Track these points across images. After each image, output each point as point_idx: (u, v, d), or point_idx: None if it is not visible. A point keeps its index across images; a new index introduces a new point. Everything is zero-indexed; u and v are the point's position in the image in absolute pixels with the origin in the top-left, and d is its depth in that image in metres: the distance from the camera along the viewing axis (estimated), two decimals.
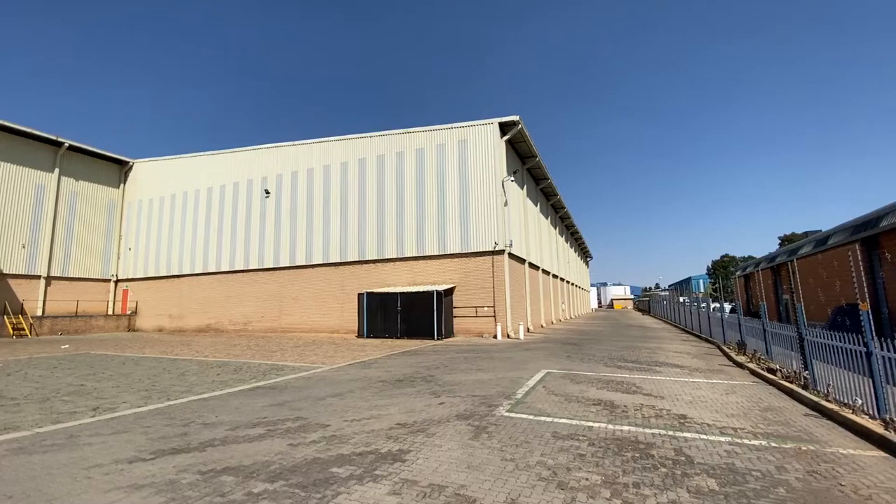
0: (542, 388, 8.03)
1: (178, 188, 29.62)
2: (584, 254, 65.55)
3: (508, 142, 21.81)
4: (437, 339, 17.99)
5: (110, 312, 29.93)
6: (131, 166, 31.76)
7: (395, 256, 22.09)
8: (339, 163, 24.31)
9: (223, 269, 26.97)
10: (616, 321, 36.64)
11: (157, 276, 29.47)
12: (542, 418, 5.90)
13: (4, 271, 24.88)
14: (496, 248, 19.83)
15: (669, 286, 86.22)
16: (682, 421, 5.83)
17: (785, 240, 68.80)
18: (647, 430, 5.37)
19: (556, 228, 37.66)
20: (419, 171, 22.17)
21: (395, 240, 22.21)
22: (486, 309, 19.69)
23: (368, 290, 20.57)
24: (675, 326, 28.28)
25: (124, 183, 31.73)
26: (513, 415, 6.09)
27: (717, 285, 67.57)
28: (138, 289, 30.16)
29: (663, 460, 4.36)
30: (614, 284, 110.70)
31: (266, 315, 25.18)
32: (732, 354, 12.27)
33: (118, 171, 31.53)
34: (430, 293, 18.72)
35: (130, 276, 30.48)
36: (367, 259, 22.78)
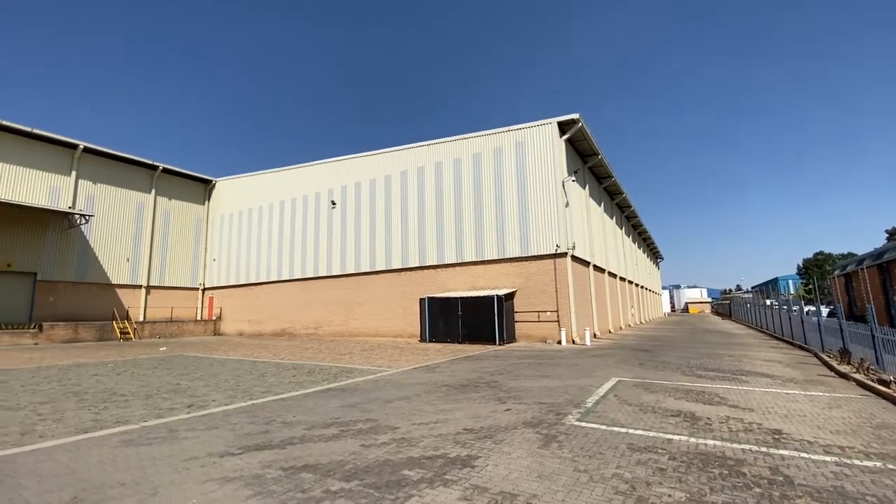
0: (613, 397, 7.66)
1: (254, 203, 32.04)
2: (654, 255, 61.94)
3: (568, 141, 21.24)
4: (499, 344, 17.83)
5: (198, 318, 32.94)
6: (214, 185, 34.87)
7: (454, 261, 22.26)
8: (399, 172, 25.01)
9: (295, 277, 28.71)
10: (693, 326, 34.16)
11: (237, 284, 32.01)
12: (616, 429, 5.62)
13: (113, 282, 28.30)
14: (558, 251, 19.31)
15: (753, 288, 78.88)
16: (776, 436, 5.28)
17: (894, 233, 60.40)
18: (735, 446, 4.93)
19: (622, 229, 35.96)
20: (476, 176, 22.22)
21: (454, 245, 22.39)
22: (548, 314, 19.21)
23: (430, 296, 20.87)
24: (762, 332, 25.80)
25: (208, 200, 34.90)
26: (583, 424, 5.86)
27: (810, 286, 60.77)
28: (222, 296, 32.93)
29: (757, 479, 3.97)
30: (689, 287, 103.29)
31: (334, 320, 26.40)
32: (834, 363, 10.95)
33: (203, 189, 34.76)
34: (490, 298, 18.62)
35: (215, 285, 33.37)
36: (427, 265, 23.16)
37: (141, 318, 29.17)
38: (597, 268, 25.25)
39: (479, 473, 4.12)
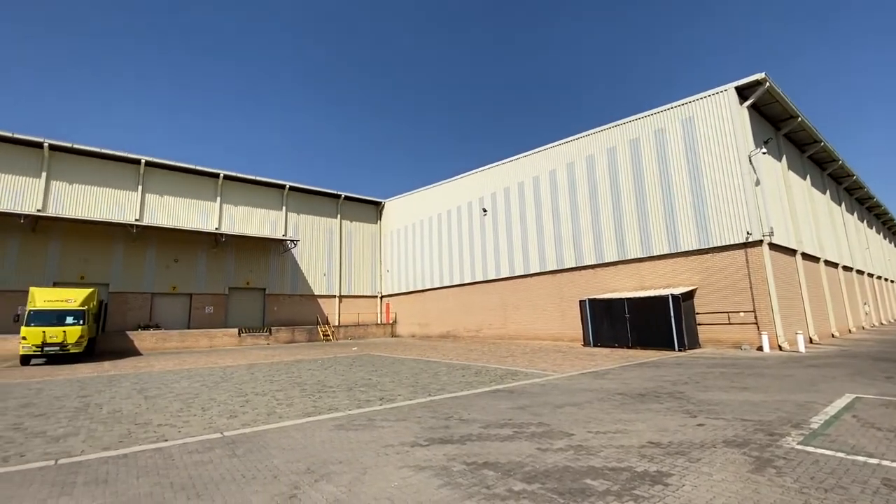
0: (850, 417, 6.03)
1: (415, 218, 35.30)
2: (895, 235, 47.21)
3: (752, 107, 17.87)
4: (679, 350, 15.80)
5: (378, 322, 37.63)
6: (383, 206, 39.60)
7: (615, 259, 20.68)
8: (548, 171, 24.50)
9: (455, 283, 30.51)
10: None
11: (407, 291, 35.56)
12: (860, 458, 4.40)
13: (315, 293, 34.45)
14: (749, 240, 16.27)
15: None
16: None
17: None
18: None
19: (840, 205, 28.43)
20: (636, 164, 20.31)
21: (614, 242, 20.82)
22: (741, 315, 16.28)
23: (590, 297, 19.77)
24: None
25: (380, 219, 39.76)
26: (809, 449, 4.74)
27: None
28: (396, 302, 37.01)
29: None
30: None
31: (494, 323, 27.12)
32: None
33: (375, 210, 39.79)
34: (663, 298, 16.68)
35: (390, 293, 37.70)
36: (584, 265, 22.04)
37: (336, 323, 34.74)
38: (807, 256, 20.44)
39: (675, 493, 3.68)
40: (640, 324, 17.29)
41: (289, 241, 32.41)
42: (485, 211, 28.43)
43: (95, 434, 6.22)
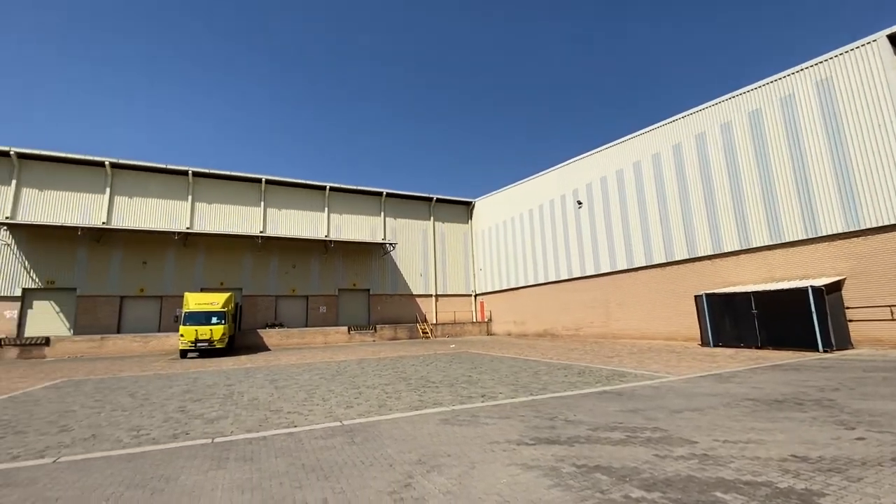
0: None
1: (506, 215, 35.04)
2: None
3: None
4: (824, 351, 13.53)
5: (473, 320, 38.09)
6: (473, 205, 39.98)
7: (736, 248, 18.41)
8: (651, 155, 22.66)
9: (550, 280, 29.66)
10: None
11: (500, 289, 35.47)
12: None
13: (413, 293, 36.00)
14: None
15: None
16: None
17: None
18: None
19: None
20: (758, 138, 17.89)
21: (734, 228, 18.55)
22: None
23: (707, 292, 17.84)
24: None
25: (470, 219, 40.22)
26: None
27: None
28: (489, 300, 37.13)
29: None
30: None
31: (594, 321, 25.82)
32: None
33: (465, 210, 40.35)
34: (801, 290, 14.43)
35: (483, 291, 37.95)
36: (698, 256, 19.97)
37: (433, 321, 35.94)
38: None
39: None
40: (771, 321, 15.15)
41: (387, 245, 34.32)
42: (580, 203, 27.22)
43: (240, 418, 7.22)
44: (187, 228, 28.33)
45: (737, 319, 16.31)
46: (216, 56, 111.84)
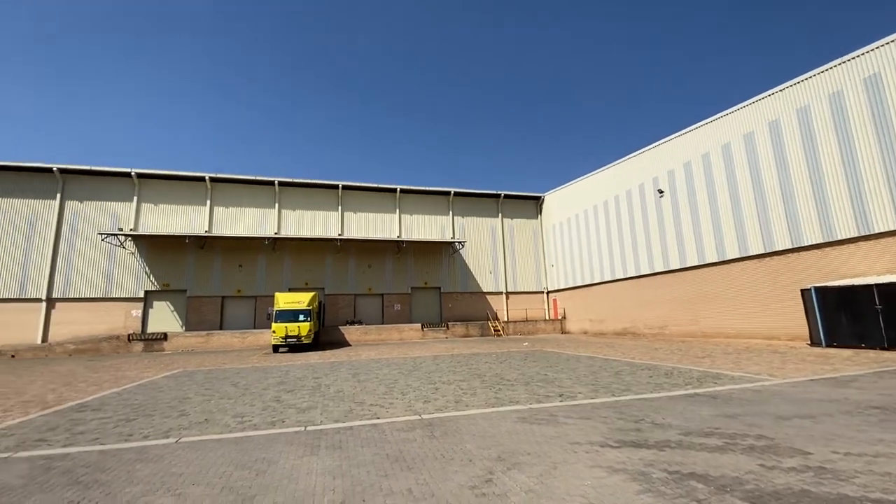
0: None
1: (578, 208, 33.73)
2: None
3: None
4: None
5: (546, 317, 37.18)
6: (542, 199, 39.00)
7: (854, 235, 16.09)
8: (741, 135, 20.57)
9: (629, 275, 28.05)
10: None
11: (575, 286, 34.24)
12: None
13: (483, 290, 35.98)
14: None
15: None
16: None
17: None
18: None
19: None
20: (875, 103, 15.54)
21: (849, 211, 16.25)
22: None
23: (817, 285, 15.78)
24: None
25: (540, 214, 39.28)
26: None
27: None
28: (563, 297, 36.01)
29: None
30: None
31: (680, 318, 23.99)
32: None
33: (535, 205, 39.48)
34: None
35: (556, 288, 36.89)
36: (804, 245, 17.76)
37: (505, 319, 35.66)
38: None
39: None
40: None
41: (456, 243, 34.66)
42: (661, 192, 25.41)
43: (328, 409, 7.72)
44: (275, 234, 30.87)
45: (855, 316, 14.24)
46: (283, 81, 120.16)
